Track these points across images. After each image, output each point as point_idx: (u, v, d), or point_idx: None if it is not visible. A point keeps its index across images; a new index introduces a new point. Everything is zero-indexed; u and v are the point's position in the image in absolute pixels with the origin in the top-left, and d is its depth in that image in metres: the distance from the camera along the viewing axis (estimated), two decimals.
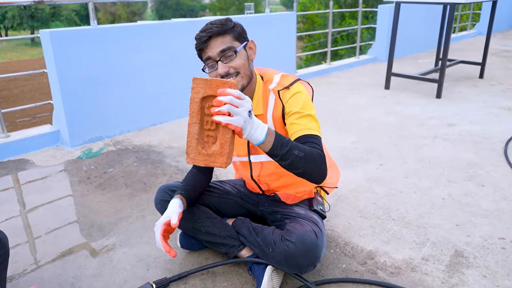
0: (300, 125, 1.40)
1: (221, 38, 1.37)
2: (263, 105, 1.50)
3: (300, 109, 1.42)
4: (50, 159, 2.77)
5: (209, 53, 1.38)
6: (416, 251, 1.75)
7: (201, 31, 1.39)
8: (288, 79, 1.51)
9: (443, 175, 2.43)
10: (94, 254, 1.77)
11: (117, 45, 3.00)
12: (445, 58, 3.98)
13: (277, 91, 1.47)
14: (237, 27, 1.42)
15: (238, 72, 1.40)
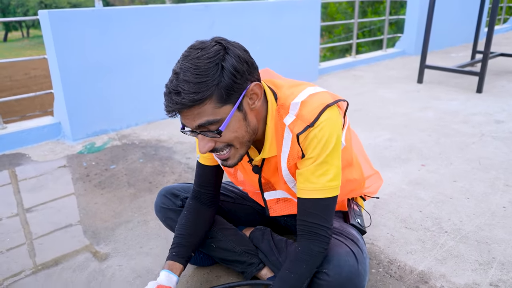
0: (310, 182, 1.01)
1: (198, 108, 0.87)
2: (277, 144, 1.06)
3: (317, 155, 0.99)
4: (48, 154, 2.49)
5: (183, 121, 0.92)
6: (481, 274, 1.39)
7: (169, 91, 0.88)
8: (312, 107, 0.98)
9: (499, 179, 2.05)
10: (83, 267, 1.47)
11: (124, 29, 2.71)
12: (488, 48, 3.57)
13: (296, 134, 0.99)
14: (224, 76, 0.87)
15: (230, 145, 0.98)
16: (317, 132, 0.97)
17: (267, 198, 1.23)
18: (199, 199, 1.26)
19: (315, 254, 1.02)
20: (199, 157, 1.24)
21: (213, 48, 0.88)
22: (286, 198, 1.20)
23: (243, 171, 1.21)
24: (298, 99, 1.00)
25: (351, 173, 1.25)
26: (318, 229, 1.02)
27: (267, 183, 1.18)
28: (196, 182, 1.27)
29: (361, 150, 1.37)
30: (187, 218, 1.25)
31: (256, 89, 0.95)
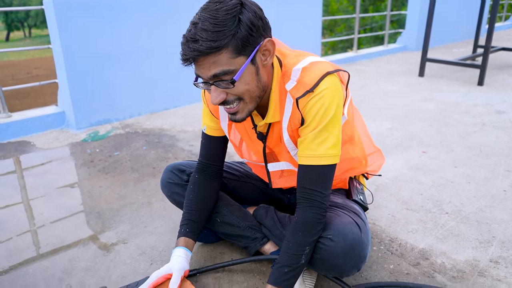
0: (310, 150, 1.03)
1: (213, 57, 0.90)
2: (280, 110, 1.08)
3: (317, 122, 1.01)
4: (53, 142, 2.52)
5: (198, 72, 0.95)
6: (481, 252, 1.40)
7: (186, 39, 0.92)
8: (312, 73, 1.01)
9: (500, 165, 2.07)
10: (89, 245, 1.49)
11: (129, 19, 2.73)
12: (489, 41, 3.58)
13: (295, 99, 1.02)
14: (241, 28, 0.90)
15: (240, 98, 1.00)
16: (318, 99, 0.99)
17: (270, 170, 1.25)
18: (205, 172, 1.29)
19: (310, 222, 1.04)
20: (205, 128, 1.26)
21: (231, 2, 0.91)
22: (289, 170, 1.22)
23: (248, 142, 1.23)
24: (299, 66, 1.03)
25: (353, 150, 1.27)
26: (315, 196, 1.04)
27: (270, 153, 1.20)
28: (202, 155, 1.29)
29: (363, 126, 1.39)
30: (194, 192, 1.27)
31: (269, 45, 0.97)
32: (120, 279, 1.30)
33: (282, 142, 1.12)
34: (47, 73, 16.86)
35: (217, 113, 1.22)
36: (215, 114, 1.22)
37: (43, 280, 1.31)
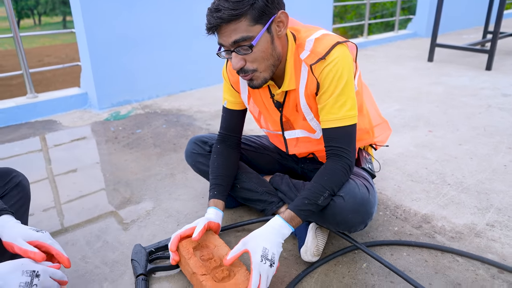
0: (332, 114, 1.16)
1: (234, 24, 1.05)
2: (296, 78, 1.21)
3: (333, 86, 1.14)
4: (78, 120, 2.67)
5: (220, 40, 1.10)
6: (479, 217, 1.53)
7: (210, 10, 1.07)
8: (324, 43, 1.15)
9: (503, 142, 2.18)
10: (121, 208, 1.64)
11: (148, 3, 2.85)
12: (498, 27, 3.64)
13: (309, 65, 1.16)
14: (258, 1, 1.04)
15: (254, 69, 1.13)
16: (332, 67, 1.12)
17: (287, 137, 1.38)
18: (226, 143, 1.42)
19: (336, 170, 1.17)
20: (226, 103, 1.40)
21: None
22: (304, 137, 1.35)
23: (266, 114, 1.36)
24: (312, 37, 1.17)
25: (362, 121, 1.39)
26: (342, 151, 1.17)
27: (287, 121, 1.33)
28: (222, 127, 1.43)
29: (370, 99, 1.51)
30: (218, 160, 1.41)
31: (283, 17, 1.11)
32: (151, 237, 1.46)
33: (298, 109, 1.25)
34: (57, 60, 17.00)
35: (238, 86, 1.35)
36: (235, 87, 1.36)
37: (83, 237, 1.46)
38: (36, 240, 1.05)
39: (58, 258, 1.07)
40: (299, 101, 1.23)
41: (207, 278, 1.12)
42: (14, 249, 1.03)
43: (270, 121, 1.38)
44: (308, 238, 1.28)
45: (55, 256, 1.07)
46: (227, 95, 1.41)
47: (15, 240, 1.03)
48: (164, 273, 1.28)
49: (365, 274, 1.25)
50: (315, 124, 1.29)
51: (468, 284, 1.20)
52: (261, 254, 1.04)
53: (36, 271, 0.96)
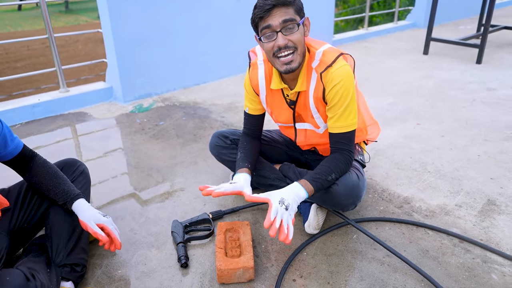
0: (339, 122, 1.50)
1: (285, 8, 1.36)
2: (307, 82, 1.53)
3: (341, 101, 1.47)
4: (106, 113, 3.01)
5: (270, 21, 1.36)
6: (450, 199, 1.87)
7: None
8: (330, 56, 1.47)
9: (480, 135, 2.50)
10: (156, 191, 1.99)
11: (165, 4, 3.14)
12: (488, 22, 3.91)
13: (319, 73, 1.47)
14: (298, 1, 1.40)
15: (295, 47, 1.41)
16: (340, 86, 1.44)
17: (297, 128, 1.71)
18: (250, 135, 1.78)
19: (342, 160, 1.52)
20: (247, 109, 1.73)
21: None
22: (311, 130, 1.68)
23: (277, 111, 1.68)
24: (321, 49, 1.50)
25: (358, 122, 1.72)
26: (346, 151, 1.53)
27: (298, 116, 1.67)
28: (246, 127, 1.78)
29: (363, 102, 1.83)
30: (246, 146, 1.73)
31: (307, 22, 1.45)
32: (183, 214, 1.81)
33: (308, 107, 1.59)
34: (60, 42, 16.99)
35: (258, 89, 1.67)
36: (256, 89, 1.68)
37: (128, 214, 1.82)
38: (102, 224, 1.40)
39: (114, 241, 1.41)
40: (308, 102, 1.57)
41: (220, 251, 1.47)
42: (87, 228, 1.38)
43: (282, 116, 1.70)
44: (310, 215, 1.63)
45: (112, 239, 1.41)
46: (249, 103, 1.74)
47: (89, 221, 1.38)
48: (197, 241, 1.64)
49: (354, 243, 1.61)
50: (320, 122, 1.62)
51: (434, 251, 1.55)
52: (279, 200, 1.36)
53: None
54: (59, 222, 1.43)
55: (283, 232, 1.30)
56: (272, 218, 1.30)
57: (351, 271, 1.47)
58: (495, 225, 1.69)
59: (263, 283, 1.42)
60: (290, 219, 1.35)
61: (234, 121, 2.80)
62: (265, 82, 1.64)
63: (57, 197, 1.41)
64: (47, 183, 1.41)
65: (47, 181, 1.41)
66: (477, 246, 1.58)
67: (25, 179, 1.45)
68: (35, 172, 1.41)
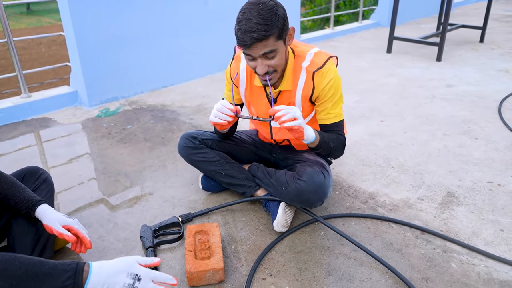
0: (331, 113, 1.62)
1: (264, 41, 1.37)
2: (293, 81, 1.60)
3: (333, 97, 1.59)
4: (71, 118, 2.94)
5: (250, 52, 1.42)
6: (412, 193, 1.95)
7: (244, 30, 1.36)
8: (321, 58, 1.57)
9: (440, 130, 2.61)
10: (124, 196, 1.97)
11: (132, 6, 3.10)
12: (446, 22, 4.08)
13: (311, 72, 1.55)
14: (279, 21, 1.38)
15: (275, 70, 1.49)
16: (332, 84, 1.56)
17: (273, 125, 1.75)
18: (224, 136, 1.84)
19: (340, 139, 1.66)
20: (225, 97, 1.74)
21: (270, 3, 1.39)
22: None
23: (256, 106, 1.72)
24: (312, 51, 1.58)
25: None
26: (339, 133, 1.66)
27: None
28: None
29: None
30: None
31: (291, 31, 1.49)
32: (152, 218, 1.80)
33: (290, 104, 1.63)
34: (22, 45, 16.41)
35: (238, 82, 1.71)
36: (236, 83, 1.72)
37: (96, 220, 1.79)
38: (68, 225, 1.38)
39: (83, 240, 1.39)
40: (294, 99, 1.62)
41: (190, 254, 1.48)
42: (52, 231, 1.36)
43: (259, 111, 1.73)
44: (279, 214, 1.66)
45: (81, 238, 1.40)
46: (228, 93, 1.79)
47: (54, 224, 1.36)
48: (167, 245, 1.63)
49: (322, 240, 1.65)
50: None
51: (397, 243, 1.62)
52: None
53: (138, 275, 1.08)
54: (22, 233, 1.40)
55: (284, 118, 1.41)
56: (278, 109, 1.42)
57: (319, 267, 1.51)
58: (454, 216, 1.77)
59: (233, 284, 1.44)
60: (296, 117, 1.43)
61: (203, 123, 2.80)
62: (245, 76, 1.69)
63: (18, 206, 1.37)
64: (5, 192, 1.37)
65: (5, 190, 1.37)
66: (437, 237, 1.65)
67: None
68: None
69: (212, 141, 1.87)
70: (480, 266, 1.50)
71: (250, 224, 1.75)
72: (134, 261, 1.12)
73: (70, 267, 1.05)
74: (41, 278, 1.01)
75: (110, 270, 1.07)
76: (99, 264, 1.09)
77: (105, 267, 1.08)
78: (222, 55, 3.85)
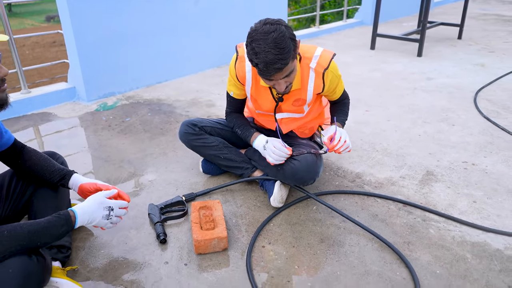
0: (337, 93, 1.88)
1: (286, 68, 1.48)
2: (301, 80, 1.73)
3: (338, 83, 1.83)
4: (71, 112, 3.05)
5: (272, 78, 1.52)
6: (395, 172, 2.14)
7: (266, 63, 1.44)
8: (326, 58, 1.71)
9: (420, 118, 2.81)
10: (129, 180, 2.11)
11: (129, 4, 3.22)
12: (425, 19, 4.30)
13: (321, 73, 1.71)
14: (292, 44, 1.46)
15: (291, 83, 1.61)
16: (334, 74, 1.76)
17: (278, 117, 1.89)
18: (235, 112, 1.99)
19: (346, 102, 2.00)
20: (232, 93, 1.89)
21: (279, 27, 1.45)
22: (288, 117, 1.89)
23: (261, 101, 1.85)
24: (317, 53, 1.72)
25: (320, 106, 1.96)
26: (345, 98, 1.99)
27: (279, 107, 1.85)
28: (230, 108, 1.98)
29: None
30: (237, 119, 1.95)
31: (298, 43, 1.56)
32: (157, 198, 1.94)
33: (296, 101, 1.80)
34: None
35: (244, 80, 1.81)
36: (242, 81, 1.81)
37: None
38: (105, 184, 1.54)
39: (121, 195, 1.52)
40: (303, 96, 1.78)
41: (196, 226, 1.63)
42: (96, 186, 1.52)
43: (264, 107, 1.86)
44: (275, 191, 1.82)
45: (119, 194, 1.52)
46: (233, 88, 1.87)
47: (96, 182, 1.54)
48: (173, 221, 1.78)
49: (314, 213, 1.82)
50: (306, 108, 1.86)
51: (382, 214, 1.80)
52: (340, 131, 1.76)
53: (110, 206, 1.40)
54: (43, 209, 1.53)
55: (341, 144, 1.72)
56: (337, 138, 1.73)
57: (312, 236, 1.67)
58: (432, 191, 1.96)
59: (236, 251, 1.60)
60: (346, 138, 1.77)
61: (199, 114, 2.94)
62: (251, 76, 1.78)
63: (52, 176, 1.52)
64: (41, 164, 1.53)
65: (41, 162, 1.53)
66: (417, 208, 1.84)
67: (18, 166, 1.54)
68: (29, 157, 1.53)
69: (211, 128, 2.02)
70: (455, 231, 1.69)
71: (248, 201, 1.91)
72: (103, 197, 1.41)
73: (62, 217, 1.28)
74: (42, 232, 1.22)
75: (89, 209, 1.35)
76: (80, 207, 1.34)
77: (86, 208, 1.35)
78: (213, 53, 4.00)
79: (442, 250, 1.58)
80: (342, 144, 1.72)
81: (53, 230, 1.25)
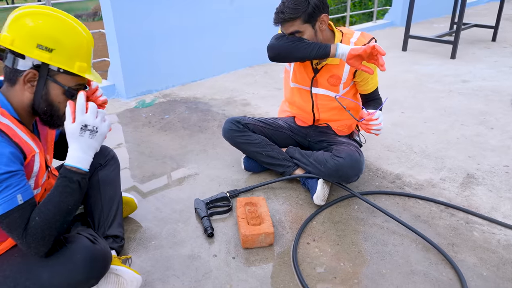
0: (371, 84, 1.95)
1: (291, 22, 1.72)
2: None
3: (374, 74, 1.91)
4: (111, 108, 3.16)
5: (282, 29, 1.79)
6: (435, 174, 2.14)
7: (277, 10, 1.74)
8: (367, 36, 1.85)
9: (458, 121, 2.80)
10: (173, 176, 2.18)
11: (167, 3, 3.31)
12: (460, 20, 4.25)
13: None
14: (309, 8, 1.69)
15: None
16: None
17: (313, 92, 1.96)
18: None
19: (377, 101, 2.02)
20: None
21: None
22: (325, 95, 1.95)
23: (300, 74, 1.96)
24: (358, 32, 1.88)
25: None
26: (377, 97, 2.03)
27: (316, 81, 1.93)
28: None
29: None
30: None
31: (324, 18, 1.77)
32: (201, 194, 2.01)
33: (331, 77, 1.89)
34: None
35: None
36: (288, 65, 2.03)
37: (151, 195, 2.00)
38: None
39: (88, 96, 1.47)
40: (340, 73, 1.87)
41: (243, 221, 1.68)
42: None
43: (301, 77, 1.97)
44: (318, 188, 1.86)
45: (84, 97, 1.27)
46: None
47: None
48: (218, 216, 1.84)
49: (356, 212, 1.85)
50: (342, 87, 1.93)
51: (424, 216, 1.81)
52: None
53: (83, 125, 1.23)
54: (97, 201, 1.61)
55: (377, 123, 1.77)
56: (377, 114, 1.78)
57: (356, 234, 1.70)
58: (474, 194, 1.96)
59: (281, 247, 1.64)
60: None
61: (235, 113, 3.00)
62: None
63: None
64: None
65: None
66: (460, 211, 1.84)
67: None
68: None
69: (254, 126, 2.08)
70: (500, 234, 1.69)
71: (290, 199, 1.95)
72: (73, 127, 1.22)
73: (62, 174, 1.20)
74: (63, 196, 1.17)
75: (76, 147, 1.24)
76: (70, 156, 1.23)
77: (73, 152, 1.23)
78: (246, 52, 4.06)
79: (488, 252, 1.59)
80: (377, 122, 1.77)
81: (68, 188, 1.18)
